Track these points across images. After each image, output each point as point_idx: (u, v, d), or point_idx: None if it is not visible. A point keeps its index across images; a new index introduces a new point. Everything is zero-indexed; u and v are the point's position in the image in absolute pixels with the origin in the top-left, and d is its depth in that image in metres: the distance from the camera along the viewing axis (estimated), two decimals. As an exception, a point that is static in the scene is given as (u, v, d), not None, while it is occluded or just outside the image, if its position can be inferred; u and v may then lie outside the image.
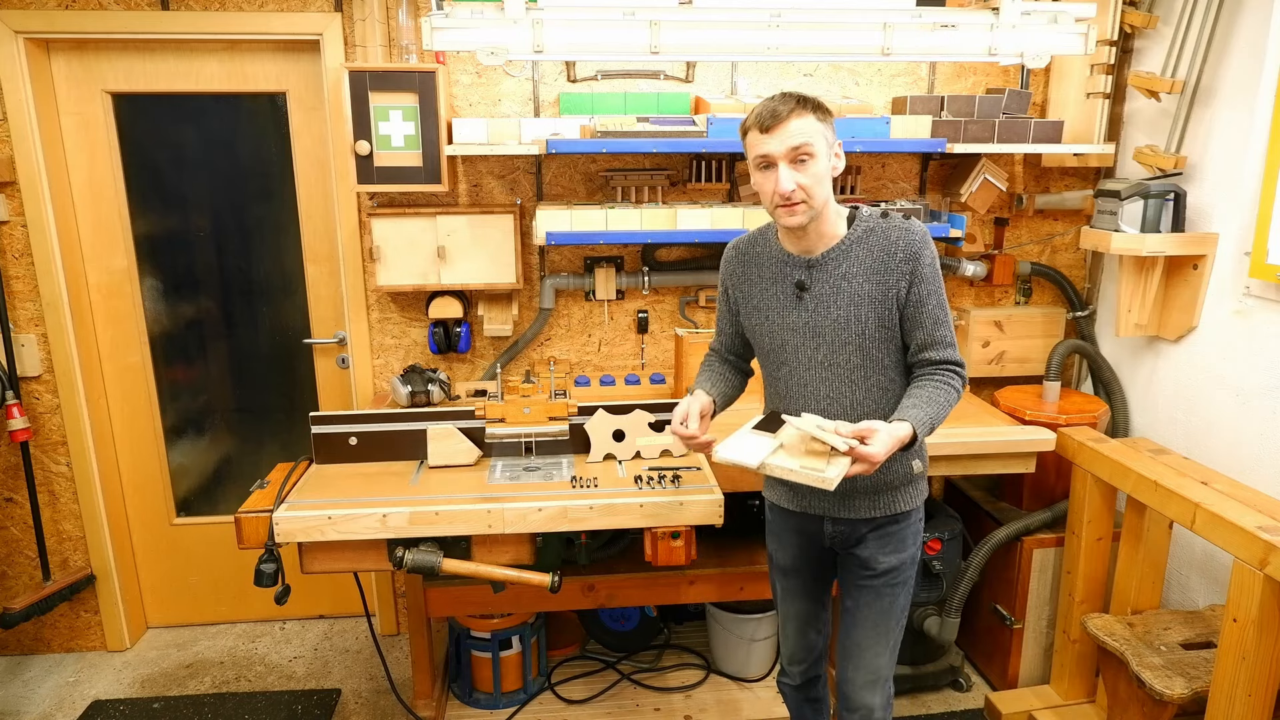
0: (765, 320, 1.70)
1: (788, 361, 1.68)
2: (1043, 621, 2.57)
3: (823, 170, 1.54)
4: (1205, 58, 2.29)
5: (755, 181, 1.59)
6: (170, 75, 2.60)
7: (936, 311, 1.61)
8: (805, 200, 1.53)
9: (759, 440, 1.57)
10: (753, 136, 1.55)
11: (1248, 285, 2.21)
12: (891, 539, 1.74)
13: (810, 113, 1.52)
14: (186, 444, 2.96)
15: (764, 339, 1.72)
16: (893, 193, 2.77)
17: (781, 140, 1.50)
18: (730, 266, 1.78)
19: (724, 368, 1.88)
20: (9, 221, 2.57)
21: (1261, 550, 1.72)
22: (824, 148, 1.54)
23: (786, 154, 1.51)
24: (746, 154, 1.60)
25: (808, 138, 1.51)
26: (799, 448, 1.52)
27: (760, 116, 1.53)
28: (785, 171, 1.51)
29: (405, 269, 2.56)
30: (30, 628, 2.86)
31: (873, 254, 1.60)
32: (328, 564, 1.97)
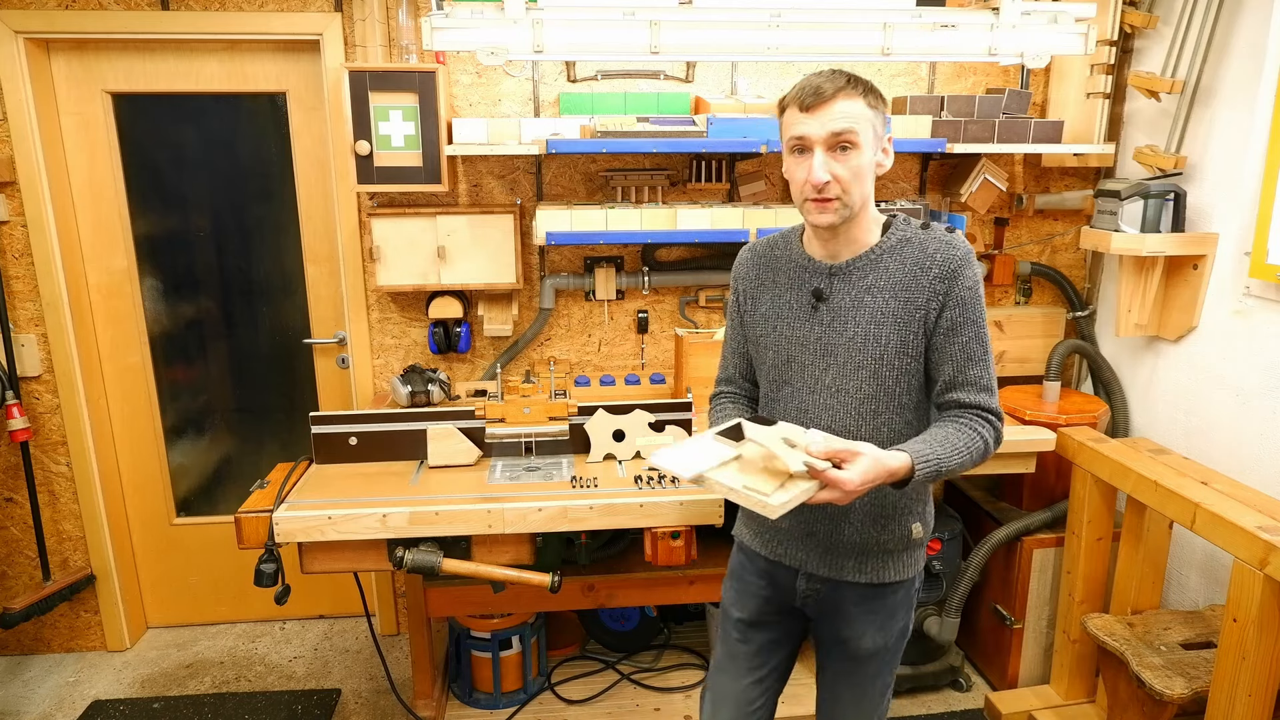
0: (773, 330, 1.50)
1: (791, 381, 1.48)
2: (1043, 621, 2.57)
3: (865, 164, 1.34)
4: (1205, 58, 2.29)
5: (787, 168, 1.40)
6: (170, 75, 2.60)
7: (972, 345, 1.38)
8: (840, 196, 1.34)
9: (714, 449, 1.35)
10: (791, 114, 1.36)
11: (1248, 285, 2.21)
12: (879, 614, 1.51)
13: (860, 95, 1.33)
14: (186, 444, 2.96)
15: (768, 352, 1.51)
16: (893, 193, 2.78)
17: (822, 122, 1.31)
18: (743, 269, 1.59)
19: (738, 408, 1.62)
20: (9, 221, 2.57)
21: (1261, 550, 1.72)
22: (870, 138, 1.34)
23: (826, 138, 1.32)
24: (781, 134, 1.40)
25: (852, 123, 1.31)
26: (757, 464, 1.30)
27: (802, 92, 1.33)
28: (821, 159, 1.32)
29: (405, 269, 2.56)
30: (30, 628, 2.86)
31: (905, 267, 1.39)
32: (328, 564, 1.97)
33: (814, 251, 1.47)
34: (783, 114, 1.40)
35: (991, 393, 1.40)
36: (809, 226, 1.46)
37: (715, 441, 1.37)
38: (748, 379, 1.63)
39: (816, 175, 1.32)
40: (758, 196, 2.67)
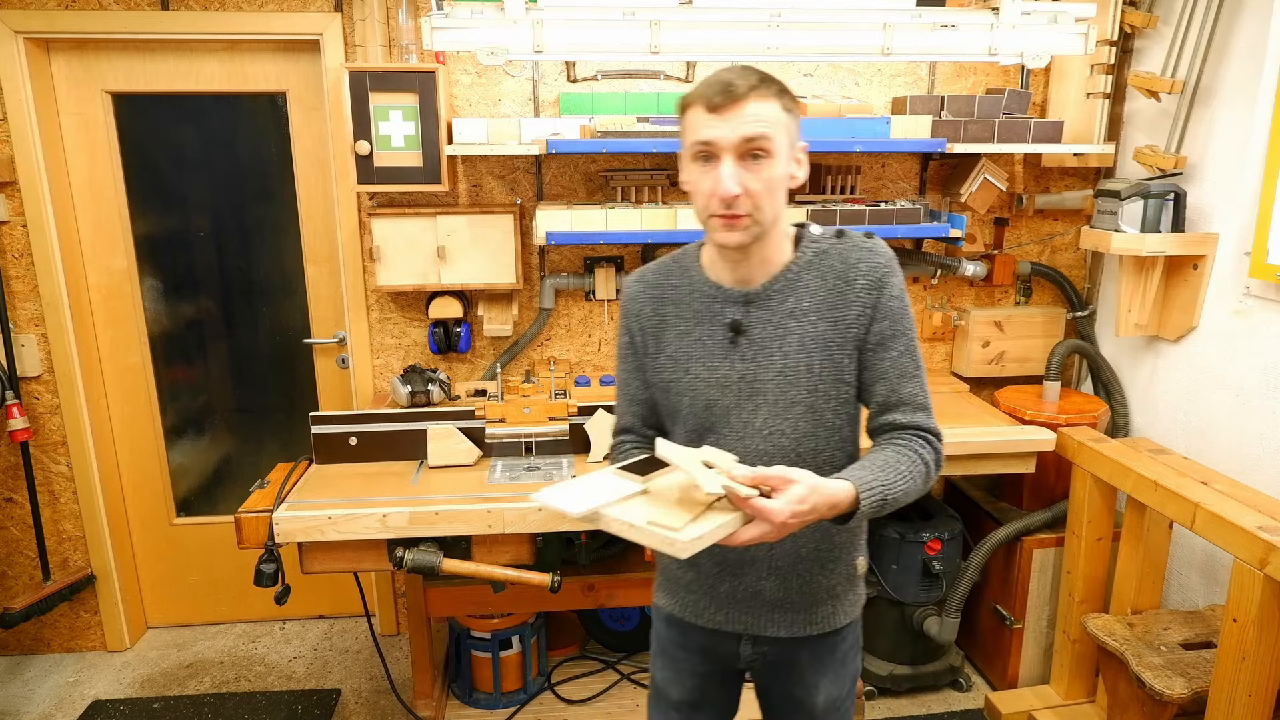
0: (685, 374, 1.29)
1: (715, 428, 1.28)
2: (1043, 621, 2.57)
3: (779, 176, 1.17)
4: (1205, 58, 2.29)
5: (687, 178, 1.21)
6: (170, 75, 2.60)
7: (905, 361, 1.25)
8: (752, 212, 1.16)
9: (614, 484, 1.19)
10: (695, 116, 1.16)
11: (1248, 285, 2.21)
12: (831, 664, 1.37)
13: (774, 97, 1.15)
14: (186, 444, 2.96)
15: (682, 398, 1.30)
16: (893, 193, 2.78)
17: (733, 125, 1.13)
18: (636, 304, 1.35)
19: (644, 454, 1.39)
20: (9, 221, 2.57)
21: (1261, 550, 1.72)
22: (784, 146, 1.17)
23: (737, 145, 1.14)
24: (681, 138, 1.21)
25: (767, 127, 1.14)
26: (669, 496, 1.15)
27: (709, 90, 1.14)
28: (731, 169, 1.14)
29: (405, 269, 2.56)
30: (30, 628, 2.86)
31: (826, 282, 1.24)
32: (328, 564, 1.97)
33: (720, 277, 1.28)
34: (684, 114, 1.20)
35: (929, 411, 1.28)
36: (714, 248, 1.27)
37: (616, 476, 1.22)
38: (651, 426, 1.42)
39: (725, 187, 1.14)
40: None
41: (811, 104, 2.44)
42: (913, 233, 2.50)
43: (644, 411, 1.41)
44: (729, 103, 1.13)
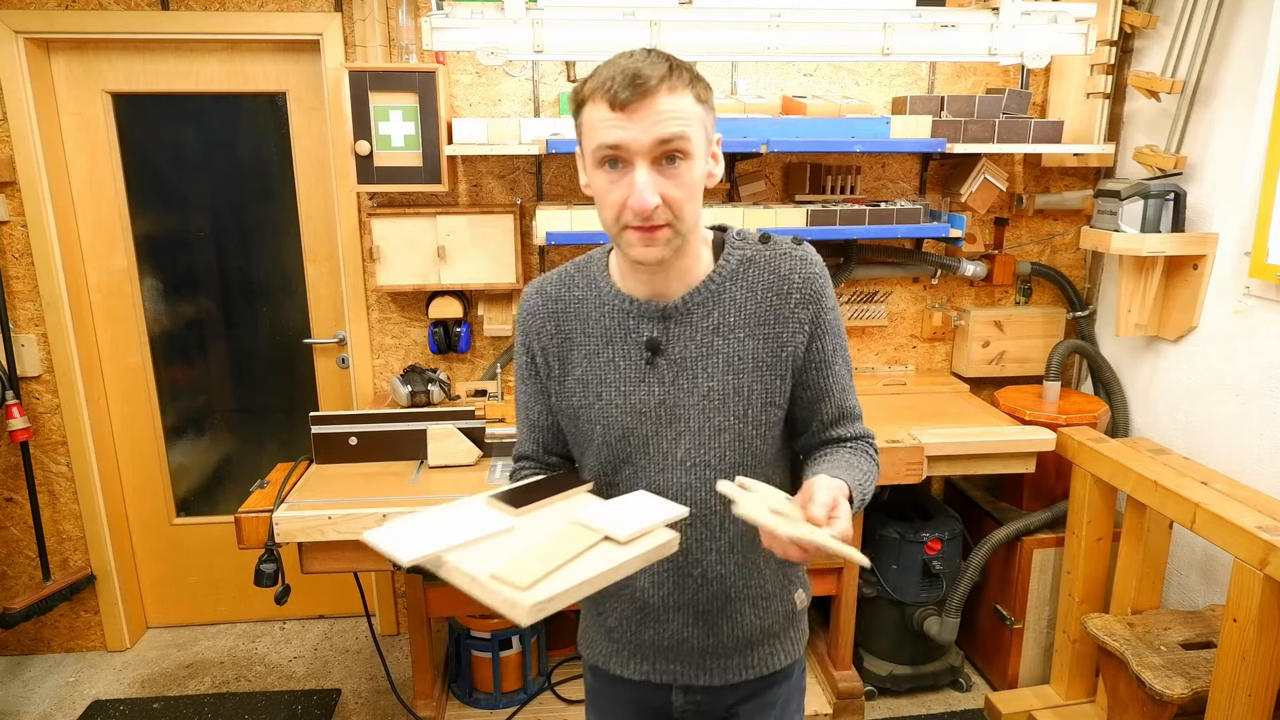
0: (596, 399, 1.15)
1: (631, 459, 1.14)
2: (1043, 621, 2.57)
3: (698, 177, 1.04)
4: (1205, 58, 2.29)
5: (592, 183, 1.06)
6: (170, 75, 2.60)
7: (844, 374, 1.17)
8: (671, 223, 1.02)
9: (476, 518, 1.01)
10: (596, 113, 1.00)
11: (1248, 285, 2.21)
12: (772, 708, 1.26)
13: (687, 87, 1.01)
14: (186, 444, 2.96)
15: (594, 427, 1.15)
16: (893, 193, 2.78)
17: (645, 126, 0.98)
18: (536, 320, 1.20)
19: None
20: (9, 221, 2.57)
21: (1261, 550, 1.72)
22: (702, 143, 1.04)
23: (650, 148, 0.98)
24: (580, 138, 1.07)
25: (684, 126, 0.99)
26: (540, 538, 0.97)
27: (612, 83, 0.98)
28: (645, 176, 0.99)
29: (405, 269, 2.56)
30: (30, 628, 2.86)
31: (755, 295, 1.11)
32: (328, 564, 1.97)
33: (633, 289, 1.13)
34: (580, 111, 1.05)
35: (861, 418, 1.20)
36: (627, 262, 1.11)
37: (486, 507, 1.05)
38: (554, 452, 1.27)
39: (642, 199, 0.99)
40: (758, 196, 2.67)
41: (811, 104, 2.44)
42: (913, 233, 2.50)
43: (547, 439, 1.26)
44: (638, 98, 0.97)
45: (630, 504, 1.04)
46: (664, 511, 1.02)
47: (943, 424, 2.39)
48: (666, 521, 1.00)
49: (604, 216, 1.06)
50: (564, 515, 1.02)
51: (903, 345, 2.91)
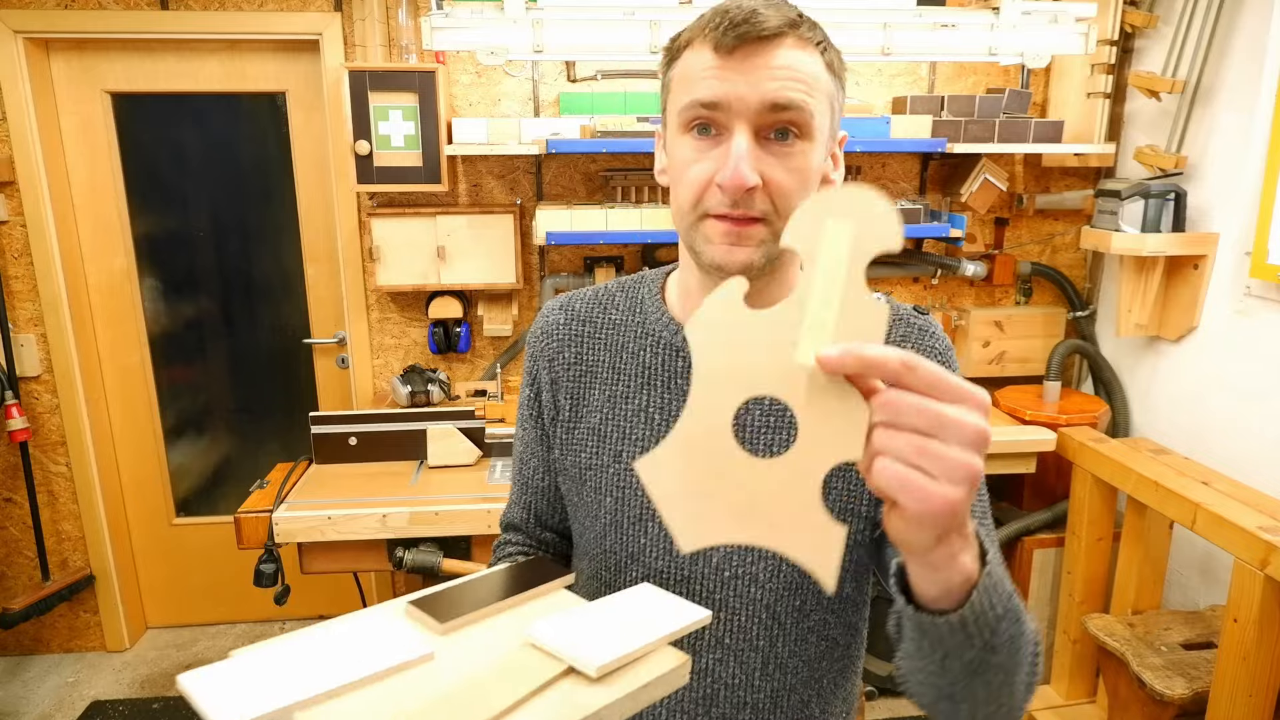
0: (614, 462, 0.87)
1: (645, 555, 0.85)
2: (1043, 622, 2.57)
3: (814, 169, 0.76)
4: (1206, 57, 2.29)
5: (673, 157, 0.79)
6: (170, 75, 2.60)
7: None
8: (769, 217, 0.75)
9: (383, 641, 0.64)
10: (693, 62, 0.75)
11: (1248, 285, 2.21)
12: None
13: (816, 49, 0.75)
14: (186, 444, 2.95)
15: (601, 501, 0.87)
16: (893, 192, 2.77)
17: (756, 80, 0.72)
18: (551, 344, 0.93)
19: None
20: (8, 221, 2.57)
21: (1262, 550, 1.72)
22: (826, 127, 0.77)
23: (760, 111, 0.72)
24: (666, 98, 0.80)
25: (806, 93, 0.73)
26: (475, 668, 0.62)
27: (722, 22, 0.72)
28: (747, 145, 0.72)
29: (405, 269, 2.56)
30: (29, 628, 2.86)
31: None
32: (328, 564, 1.97)
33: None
34: (674, 60, 0.79)
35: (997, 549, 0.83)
36: (697, 272, 0.83)
37: (405, 619, 0.70)
38: (549, 527, 0.99)
39: (740, 173, 0.71)
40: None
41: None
42: (913, 232, 2.50)
43: (541, 507, 0.97)
44: (753, 43, 0.72)
45: (618, 610, 0.69)
46: (671, 618, 0.68)
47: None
48: (673, 636, 0.66)
49: (679, 200, 0.78)
50: (514, 631, 0.67)
51: (903, 345, 2.91)
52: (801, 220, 0.55)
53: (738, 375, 0.55)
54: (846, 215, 0.55)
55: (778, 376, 0.54)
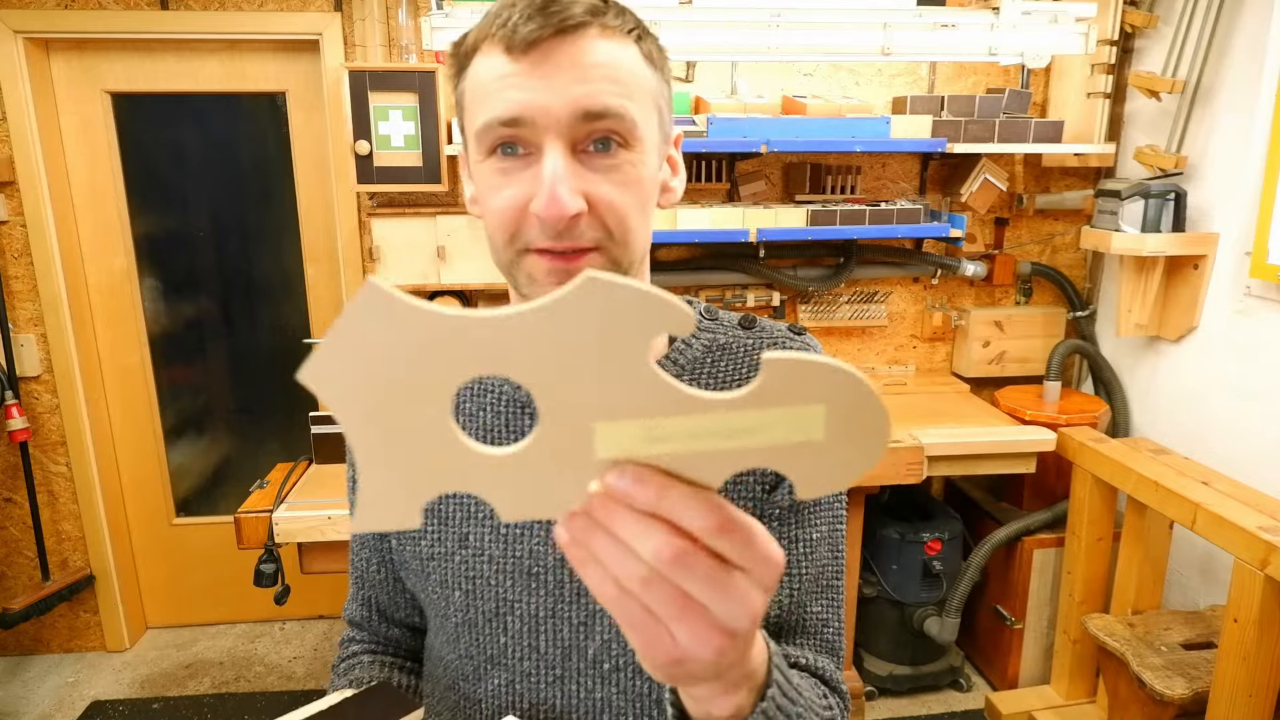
0: (460, 548, 0.75)
1: (506, 658, 0.74)
2: (1043, 622, 2.57)
3: (646, 179, 0.65)
4: (1206, 57, 2.29)
5: (478, 186, 0.67)
6: (170, 75, 2.60)
7: (823, 554, 0.75)
8: (603, 244, 0.64)
9: None
10: (486, 68, 0.63)
11: (1248, 285, 2.21)
12: None
13: (630, 38, 0.64)
14: (186, 444, 2.96)
15: (449, 595, 0.75)
16: (893, 193, 2.77)
17: (563, 84, 0.61)
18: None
19: (378, 671, 0.86)
20: (8, 221, 2.57)
21: (1263, 550, 1.72)
22: (653, 130, 0.66)
23: (572, 120, 0.61)
24: (461, 116, 0.68)
25: (623, 93, 0.62)
26: None
27: (511, 17, 0.61)
28: (562, 164, 0.61)
29: (405, 269, 2.56)
30: (29, 628, 2.86)
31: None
32: (328, 564, 1.97)
33: None
34: (462, 74, 0.66)
35: (839, 658, 0.75)
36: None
37: None
38: (395, 622, 0.88)
39: (556, 199, 0.60)
40: (758, 196, 2.67)
41: (812, 104, 2.44)
42: (913, 233, 2.50)
43: (383, 599, 0.86)
44: (552, 37, 0.60)
45: None
46: None
47: (943, 424, 2.39)
48: None
49: (492, 235, 0.66)
50: None
51: (903, 345, 2.91)
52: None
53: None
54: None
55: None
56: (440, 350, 0.41)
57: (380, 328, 0.40)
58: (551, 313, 0.40)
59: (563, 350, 0.40)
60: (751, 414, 0.41)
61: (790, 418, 0.41)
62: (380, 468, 0.44)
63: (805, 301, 2.77)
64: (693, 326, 0.39)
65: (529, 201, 0.62)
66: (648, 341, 0.40)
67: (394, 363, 0.41)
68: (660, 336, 0.61)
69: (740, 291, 2.73)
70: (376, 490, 0.44)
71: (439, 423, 0.43)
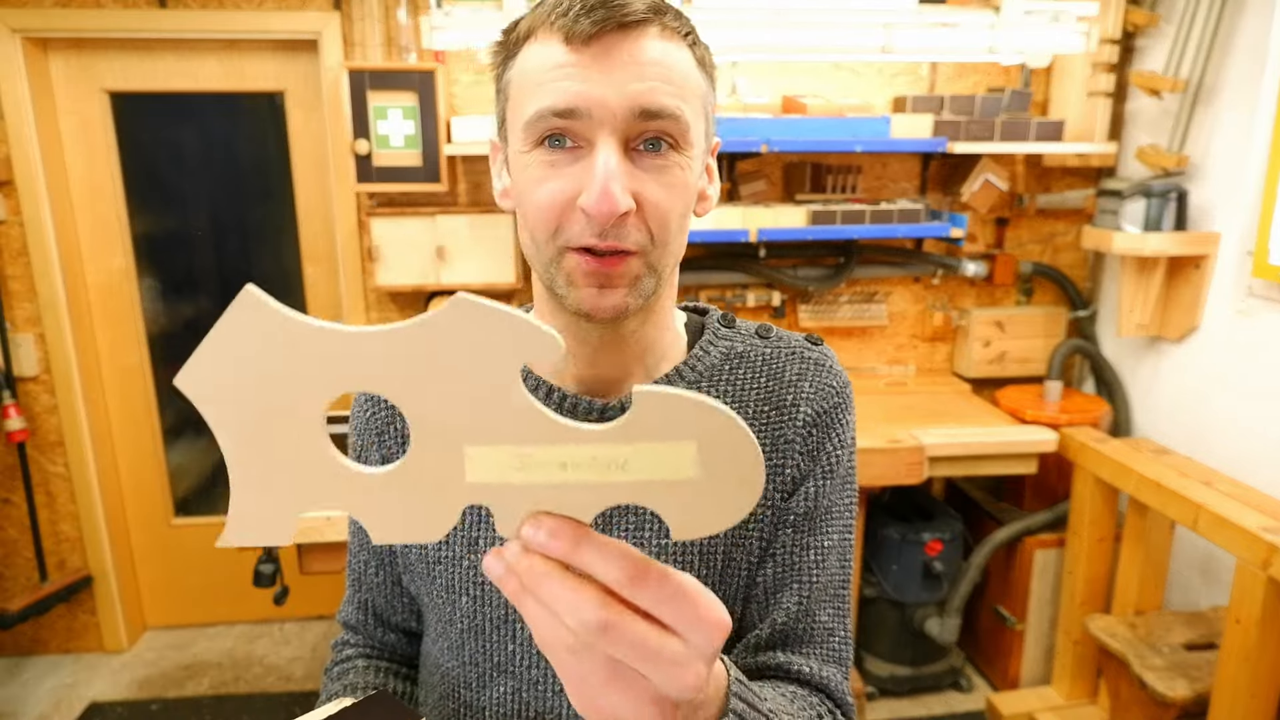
0: (468, 552, 0.73)
1: (514, 666, 0.73)
2: (1044, 622, 2.56)
3: (691, 185, 0.65)
4: (1208, 57, 2.29)
5: (518, 179, 0.65)
6: (168, 74, 2.60)
7: (832, 563, 0.73)
8: (645, 250, 0.63)
9: None
10: (540, 57, 0.62)
11: (1250, 285, 2.20)
12: None
13: (686, 41, 0.66)
14: (185, 444, 2.95)
15: (455, 601, 0.74)
16: (894, 192, 2.77)
17: (622, 79, 0.60)
18: (380, 413, 0.78)
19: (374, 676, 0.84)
20: (6, 221, 2.56)
21: (1265, 551, 1.71)
22: (700, 135, 0.66)
23: (628, 117, 0.60)
24: (505, 107, 0.66)
25: (679, 95, 0.62)
26: None
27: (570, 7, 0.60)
28: (616, 161, 0.60)
29: (404, 269, 2.56)
30: (27, 629, 2.85)
31: (745, 408, 0.72)
32: (327, 564, 1.96)
33: (560, 375, 0.73)
34: (511, 57, 0.65)
35: (845, 668, 0.73)
36: (560, 319, 0.69)
37: None
38: (391, 626, 0.86)
39: (608, 195, 0.59)
40: (758, 196, 2.66)
41: (812, 103, 2.43)
42: (914, 232, 2.49)
43: (380, 603, 0.84)
44: (612, 31, 0.59)
45: None
46: None
47: (943, 424, 2.39)
48: None
49: (532, 230, 0.64)
50: None
51: (903, 345, 2.90)
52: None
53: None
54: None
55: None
56: (313, 363, 0.40)
57: (255, 336, 0.40)
58: (423, 331, 0.39)
59: (434, 370, 0.40)
60: (622, 447, 0.40)
61: (660, 454, 0.40)
62: (253, 481, 0.43)
63: (805, 301, 2.76)
64: (560, 354, 0.39)
65: (575, 196, 0.61)
66: (517, 366, 0.40)
67: (267, 373, 0.40)
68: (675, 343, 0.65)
69: (740, 291, 2.72)
70: (248, 504, 0.43)
71: (312, 437, 0.42)
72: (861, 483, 2.21)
